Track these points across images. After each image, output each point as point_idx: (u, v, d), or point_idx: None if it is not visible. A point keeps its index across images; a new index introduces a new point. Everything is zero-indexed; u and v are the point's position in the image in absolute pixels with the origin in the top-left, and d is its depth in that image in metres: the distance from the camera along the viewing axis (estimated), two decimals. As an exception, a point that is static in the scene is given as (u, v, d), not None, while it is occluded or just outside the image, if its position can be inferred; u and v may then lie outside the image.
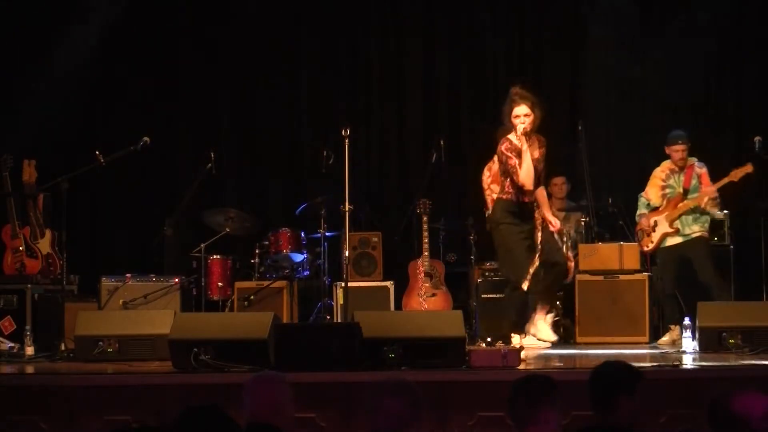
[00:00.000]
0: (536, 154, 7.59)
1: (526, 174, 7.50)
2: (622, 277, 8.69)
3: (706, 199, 8.32)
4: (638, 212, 8.67)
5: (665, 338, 8.33)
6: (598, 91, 10.33)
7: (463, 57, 10.62)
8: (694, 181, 8.39)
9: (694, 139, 8.68)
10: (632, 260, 8.67)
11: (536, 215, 7.68)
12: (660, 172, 8.57)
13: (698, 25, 10.09)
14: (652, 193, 8.59)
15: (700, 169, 8.43)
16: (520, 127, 7.51)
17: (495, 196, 7.85)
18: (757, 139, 8.49)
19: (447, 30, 10.64)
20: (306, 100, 10.75)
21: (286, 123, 10.76)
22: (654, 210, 8.58)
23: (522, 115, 7.50)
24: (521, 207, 7.63)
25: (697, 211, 8.38)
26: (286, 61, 10.72)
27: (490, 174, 8.31)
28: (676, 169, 8.48)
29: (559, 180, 9.74)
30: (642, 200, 8.65)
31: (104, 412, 5.89)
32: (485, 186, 8.34)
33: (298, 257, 9.27)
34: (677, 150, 8.43)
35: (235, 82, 10.73)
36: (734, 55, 10.16)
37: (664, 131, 9.24)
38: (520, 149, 7.53)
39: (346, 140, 7.85)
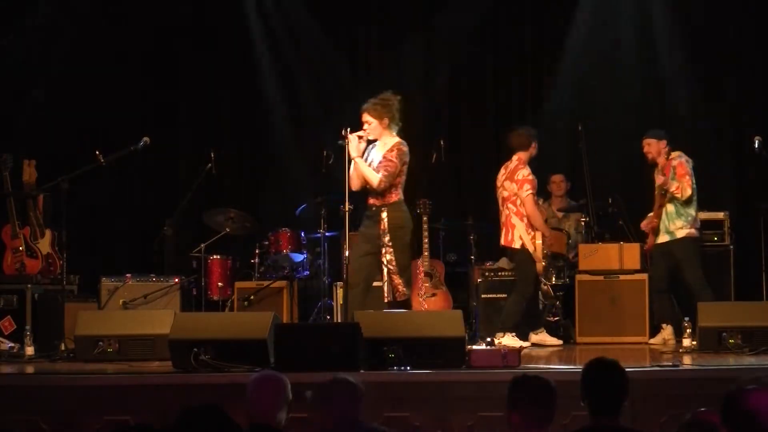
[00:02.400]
0: (354, 154, 7.43)
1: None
2: (622, 277, 8.68)
3: (671, 187, 8.22)
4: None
5: (657, 338, 8.30)
6: (598, 92, 10.34)
7: (463, 57, 10.62)
8: (670, 174, 8.28)
9: (687, 138, 8.67)
10: (632, 260, 8.67)
11: (381, 224, 7.35)
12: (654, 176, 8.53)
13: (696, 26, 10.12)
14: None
15: (676, 161, 8.29)
16: (362, 132, 7.48)
17: None
18: (757, 138, 8.48)
19: (447, 30, 10.63)
20: (306, 99, 10.75)
21: (286, 123, 10.77)
22: None
23: (365, 121, 7.51)
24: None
25: (678, 204, 8.30)
26: (286, 60, 10.72)
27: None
28: (659, 168, 8.38)
29: (557, 177, 9.74)
30: None
31: (104, 412, 5.89)
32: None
33: (298, 257, 9.27)
34: (643, 146, 8.39)
35: (235, 82, 10.73)
36: (734, 54, 10.17)
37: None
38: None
39: (347, 140, 7.85)
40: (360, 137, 7.42)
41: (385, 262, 7.31)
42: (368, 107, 7.52)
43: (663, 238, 8.35)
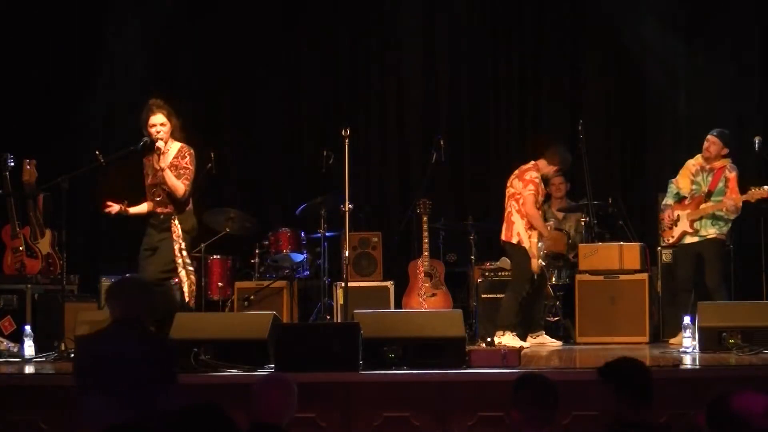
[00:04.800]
0: (163, 164, 7.27)
1: None
2: (622, 277, 8.67)
3: (728, 207, 8.22)
4: (665, 201, 8.49)
5: (677, 338, 8.24)
6: (598, 91, 10.34)
7: (463, 57, 10.62)
8: (720, 185, 8.22)
9: (687, 138, 8.63)
10: (632, 260, 8.66)
11: (175, 233, 7.30)
12: (692, 165, 8.39)
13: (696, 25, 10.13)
14: (682, 183, 8.41)
15: (730, 173, 8.25)
16: (158, 136, 7.26)
17: None
18: (757, 139, 8.46)
19: (447, 30, 10.64)
20: (306, 100, 10.75)
21: (286, 123, 10.76)
22: (680, 200, 8.45)
23: (158, 124, 7.30)
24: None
25: (717, 215, 8.30)
26: (286, 60, 10.72)
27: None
28: (707, 167, 8.31)
29: (557, 179, 9.71)
30: (672, 188, 8.46)
31: (104, 412, 5.89)
32: None
33: (298, 257, 9.27)
34: (706, 140, 8.28)
35: (235, 82, 10.73)
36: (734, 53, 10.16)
37: (664, 131, 9.23)
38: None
39: (346, 140, 7.85)
40: (164, 141, 7.24)
41: (181, 265, 7.23)
42: (164, 109, 7.30)
43: (692, 239, 8.32)
